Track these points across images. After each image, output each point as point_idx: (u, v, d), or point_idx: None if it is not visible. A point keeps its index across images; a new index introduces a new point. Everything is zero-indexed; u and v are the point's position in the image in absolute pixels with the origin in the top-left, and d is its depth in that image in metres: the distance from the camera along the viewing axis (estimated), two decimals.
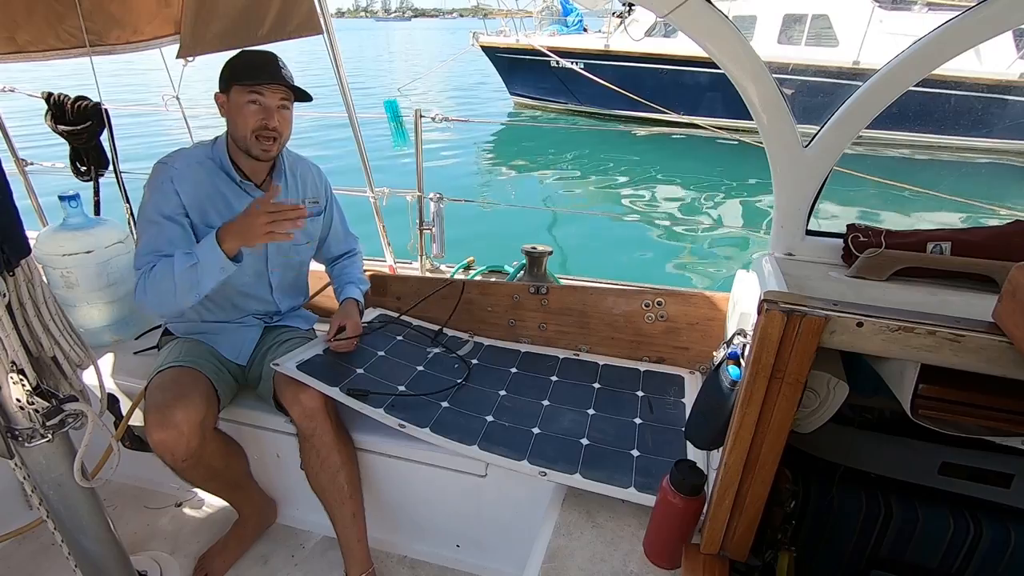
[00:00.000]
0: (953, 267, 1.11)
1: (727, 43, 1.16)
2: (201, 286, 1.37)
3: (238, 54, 1.49)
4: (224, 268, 1.37)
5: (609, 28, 11.66)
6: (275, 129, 1.47)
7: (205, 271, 1.36)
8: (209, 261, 1.35)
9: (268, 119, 1.46)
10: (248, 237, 1.36)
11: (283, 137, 1.52)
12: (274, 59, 1.47)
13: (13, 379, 0.94)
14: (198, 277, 1.36)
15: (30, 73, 2.90)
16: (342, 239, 1.87)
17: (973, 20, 1.03)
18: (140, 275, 1.39)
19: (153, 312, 1.42)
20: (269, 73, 1.44)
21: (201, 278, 1.36)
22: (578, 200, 8.40)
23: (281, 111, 1.48)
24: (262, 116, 1.45)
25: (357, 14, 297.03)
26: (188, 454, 1.34)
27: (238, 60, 1.47)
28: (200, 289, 1.38)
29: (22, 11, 1.86)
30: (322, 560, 1.66)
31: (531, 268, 2.19)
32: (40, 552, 1.66)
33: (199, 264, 1.35)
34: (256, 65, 1.46)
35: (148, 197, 1.47)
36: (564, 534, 1.22)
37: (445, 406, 1.54)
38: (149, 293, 1.38)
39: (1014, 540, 1.06)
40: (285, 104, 1.49)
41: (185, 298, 1.38)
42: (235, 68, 1.46)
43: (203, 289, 1.38)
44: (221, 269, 1.37)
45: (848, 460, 1.20)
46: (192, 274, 1.36)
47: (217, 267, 1.36)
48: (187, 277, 1.36)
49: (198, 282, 1.36)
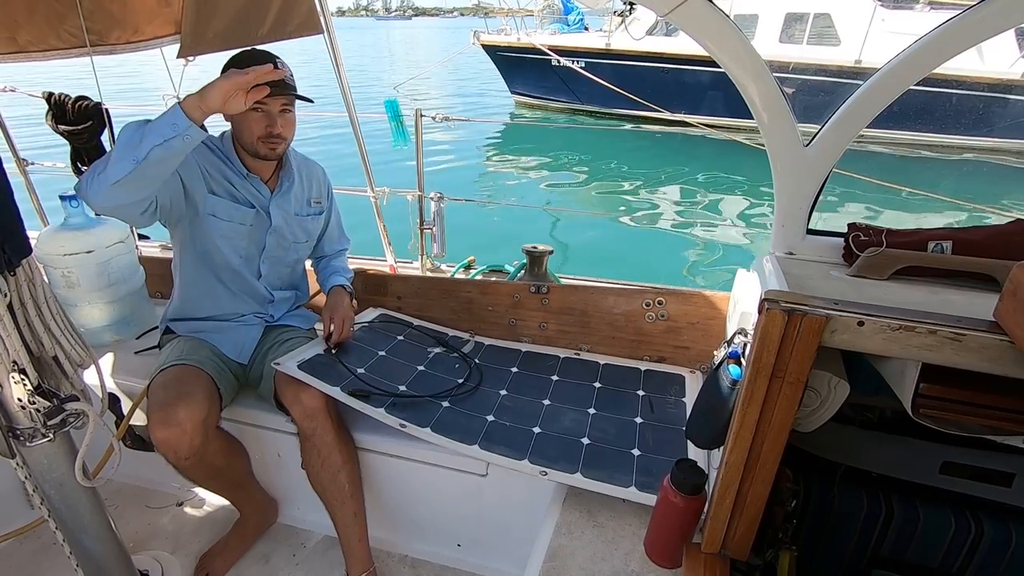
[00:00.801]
0: (954, 266, 1.11)
1: (728, 42, 1.16)
2: (143, 143, 1.18)
3: (237, 57, 1.46)
4: (176, 124, 1.19)
5: (610, 27, 11.65)
6: (279, 135, 1.48)
7: (153, 127, 1.19)
8: (162, 119, 1.20)
9: (272, 126, 1.47)
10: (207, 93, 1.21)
11: (288, 138, 1.54)
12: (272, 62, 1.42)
13: (14, 379, 0.94)
14: (142, 135, 1.19)
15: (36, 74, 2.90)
16: (336, 239, 1.89)
17: (974, 19, 1.03)
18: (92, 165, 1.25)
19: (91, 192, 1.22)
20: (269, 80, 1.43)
21: (146, 135, 1.19)
22: (579, 199, 8.40)
23: (284, 115, 1.49)
24: (266, 123, 1.46)
25: (358, 13, 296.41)
26: (191, 452, 1.35)
27: (236, 65, 1.42)
28: (141, 148, 1.18)
29: (23, 11, 1.86)
30: (323, 559, 1.67)
31: (532, 267, 2.19)
32: (41, 551, 1.67)
33: (150, 122, 1.21)
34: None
35: None
36: (565, 533, 1.22)
37: (446, 406, 1.54)
38: (86, 175, 1.23)
39: (1015, 539, 1.06)
40: (288, 108, 1.49)
41: (120, 160, 1.19)
42: None
43: (144, 147, 1.18)
44: (173, 125, 1.19)
45: (849, 459, 1.20)
46: (137, 132, 1.20)
47: (168, 123, 1.19)
48: (131, 135, 1.20)
49: (140, 140, 1.19)
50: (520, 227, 6.41)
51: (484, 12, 13.92)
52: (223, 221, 1.54)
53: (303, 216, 1.69)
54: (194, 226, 1.53)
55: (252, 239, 1.61)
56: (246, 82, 1.22)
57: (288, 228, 1.66)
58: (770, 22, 10.32)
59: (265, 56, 1.46)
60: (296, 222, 1.67)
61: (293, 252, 1.72)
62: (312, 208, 1.73)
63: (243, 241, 1.60)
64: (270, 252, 1.66)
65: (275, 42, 1.88)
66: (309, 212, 1.71)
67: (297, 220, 1.67)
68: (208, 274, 1.61)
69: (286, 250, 1.69)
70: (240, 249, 1.60)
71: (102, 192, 1.22)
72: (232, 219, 1.55)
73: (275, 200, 1.60)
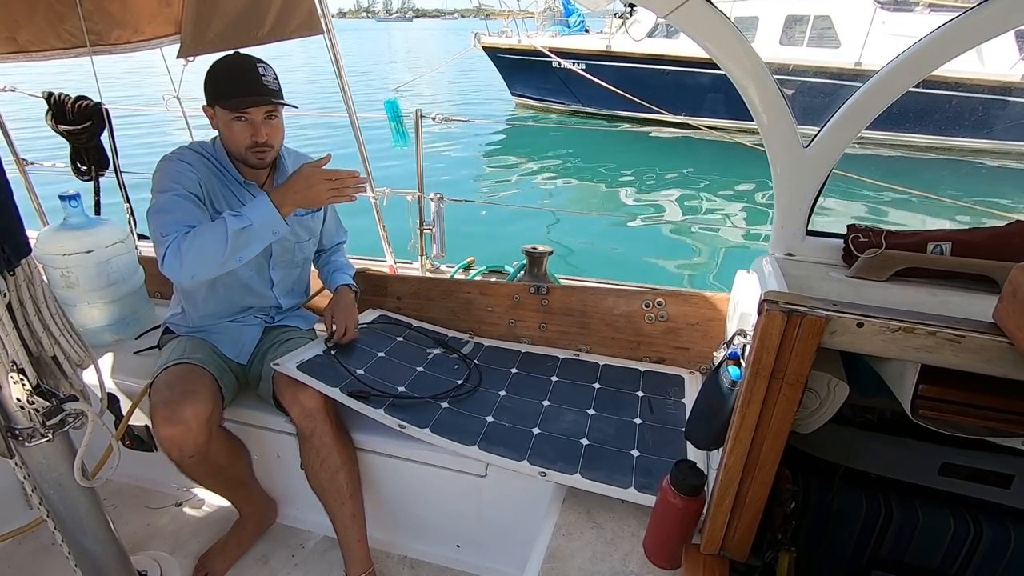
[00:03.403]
0: (953, 267, 1.11)
1: (728, 44, 1.16)
2: (250, 248, 1.37)
3: (216, 67, 1.44)
4: (277, 231, 1.38)
5: (611, 29, 11.67)
6: (266, 143, 1.46)
7: (256, 233, 1.36)
8: (262, 223, 1.36)
9: (257, 135, 1.45)
10: (311, 197, 1.39)
11: (276, 145, 1.51)
12: (253, 69, 1.42)
13: (13, 379, 0.94)
14: (248, 238, 1.35)
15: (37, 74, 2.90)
16: (334, 233, 1.89)
17: (973, 21, 1.03)
18: (172, 239, 1.34)
19: (182, 276, 1.35)
20: (249, 89, 1.41)
21: (251, 240, 1.36)
22: (579, 200, 8.41)
23: (269, 122, 1.46)
24: (251, 133, 1.44)
25: (358, 14, 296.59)
26: (195, 450, 1.35)
27: (218, 75, 1.43)
28: (248, 251, 1.37)
29: (23, 11, 1.87)
30: (322, 560, 1.66)
31: (531, 268, 2.19)
32: (40, 551, 1.66)
33: (252, 227, 1.35)
34: (235, 81, 1.41)
35: (165, 177, 1.43)
36: (564, 534, 1.22)
37: (445, 406, 1.54)
38: (187, 255, 1.33)
39: (1014, 541, 1.05)
40: (272, 114, 1.46)
41: (231, 259, 1.36)
42: (216, 84, 1.43)
43: (251, 251, 1.38)
44: (274, 232, 1.38)
45: (848, 460, 1.20)
46: (243, 235, 1.34)
47: (270, 229, 1.37)
48: (238, 238, 1.34)
49: (247, 243, 1.36)
50: (520, 228, 6.41)
51: (485, 14, 13.91)
52: None
53: (302, 215, 1.69)
54: None
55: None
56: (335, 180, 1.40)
57: (289, 229, 1.65)
58: (770, 24, 10.33)
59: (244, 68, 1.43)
60: (296, 222, 1.67)
61: (300, 252, 1.72)
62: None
63: None
64: (278, 258, 1.65)
65: (275, 42, 1.88)
66: (308, 210, 1.71)
67: (297, 220, 1.67)
68: (217, 288, 1.60)
69: (292, 252, 1.69)
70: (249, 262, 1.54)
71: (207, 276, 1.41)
72: None
73: None
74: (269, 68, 1.45)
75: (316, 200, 1.41)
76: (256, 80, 1.42)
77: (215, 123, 1.48)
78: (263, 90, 1.42)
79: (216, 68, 1.44)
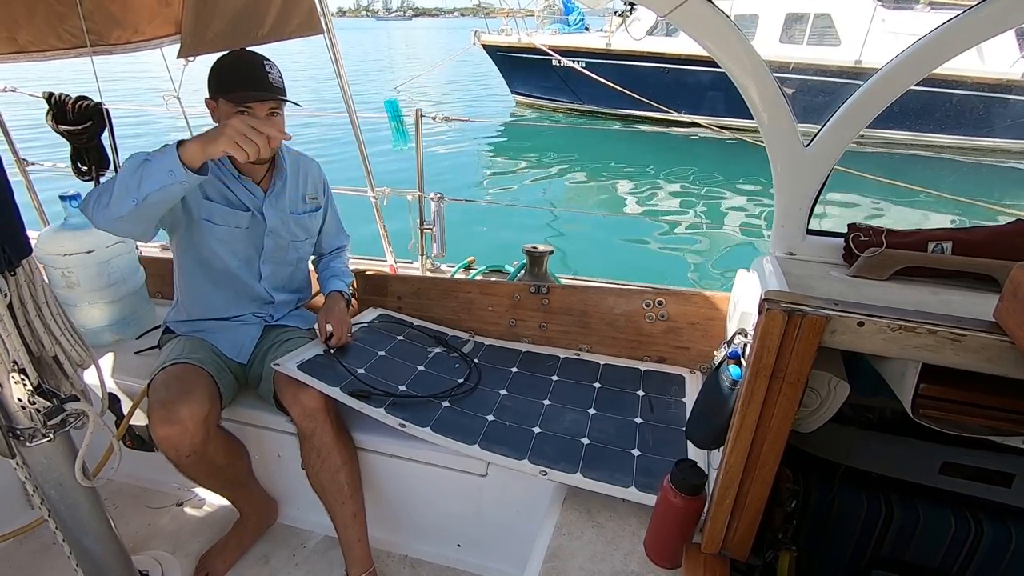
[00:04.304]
0: (954, 266, 1.10)
1: (728, 42, 1.16)
2: (142, 187, 1.23)
3: (222, 60, 1.45)
4: (173, 172, 1.21)
5: (611, 27, 11.67)
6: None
7: (152, 170, 1.22)
8: (160, 162, 1.22)
9: None
10: (211, 138, 1.22)
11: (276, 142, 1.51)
12: (259, 65, 1.44)
13: (14, 379, 0.94)
14: (141, 176, 1.23)
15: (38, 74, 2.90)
16: (334, 236, 1.88)
17: (974, 19, 1.03)
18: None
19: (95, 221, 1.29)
20: (255, 85, 1.42)
21: (144, 178, 1.22)
22: (579, 199, 8.40)
23: (271, 119, 1.46)
24: None
25: (358, 13, 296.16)
26: (192, 450, 1.35)
27: (223, 69, 1.44)
28: (140, 190, 1.23)
29: (23, 11, 1.86)
30: (323, 559, 1.67)
31: (532, 268, 2.19)
32: (41, 551, 1.67)
33: (149, 162, 1.23)
34: (241, 76, 1.42)
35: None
36: (565, 534, 1.22)
37: (446, 406, 1.54)
38: (103, 194, 1.27)
39: (1015, 540, 1.05)
40: (275, 111, 1.47)
41: (122, 199, 1.24)
42: (221, 78, 1.44)
43: (143, 190, 1.23)
44: (170, 172, 1.22)
45: (849, 460, 1.20)
46: (136, 173, 1.23)
47: (166, 169, 1.22)
48: (131, 175, 1.23)
49: (139, 183, 1.23)
50: (520, 227, 6.41)
51: (484, 12, 13.92)
52: (218, 226, 1.54)
53: (299, 214, 1.69)
54: (191, 231, 1.53)
55: (249, 241, 1.61)
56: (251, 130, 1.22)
57: (285, 227, 1.66)
58: (770, 22, 10.32)
59: (250, 64, 1.44)
60: (293, 220, 1.67)
61: (293, 251, 1.72)
62: (308, 205, 1.72)
63: (240, 244, 1.60)
64: (269, 253, 1.65)
65: (275, 42, 1.88)
66: (305, 209, 1.71)
67: (294, 219, 1.67)
68: (207, 277, 1.61)
69: (286, 250, 1.69)
70: (238, 252, 1.60)
71: (108, 224, 1.31)
72: (227, 223, 1.55)
73: (269, 201, 1.60)
74: (275, 66, 1.47)
75: (214, 144, 1.22)
76: (262, 76, 1.43)
77: (216, 116, 1.48)
78: (268, 86, 1.43)
79: (223, 61, 1.45)
